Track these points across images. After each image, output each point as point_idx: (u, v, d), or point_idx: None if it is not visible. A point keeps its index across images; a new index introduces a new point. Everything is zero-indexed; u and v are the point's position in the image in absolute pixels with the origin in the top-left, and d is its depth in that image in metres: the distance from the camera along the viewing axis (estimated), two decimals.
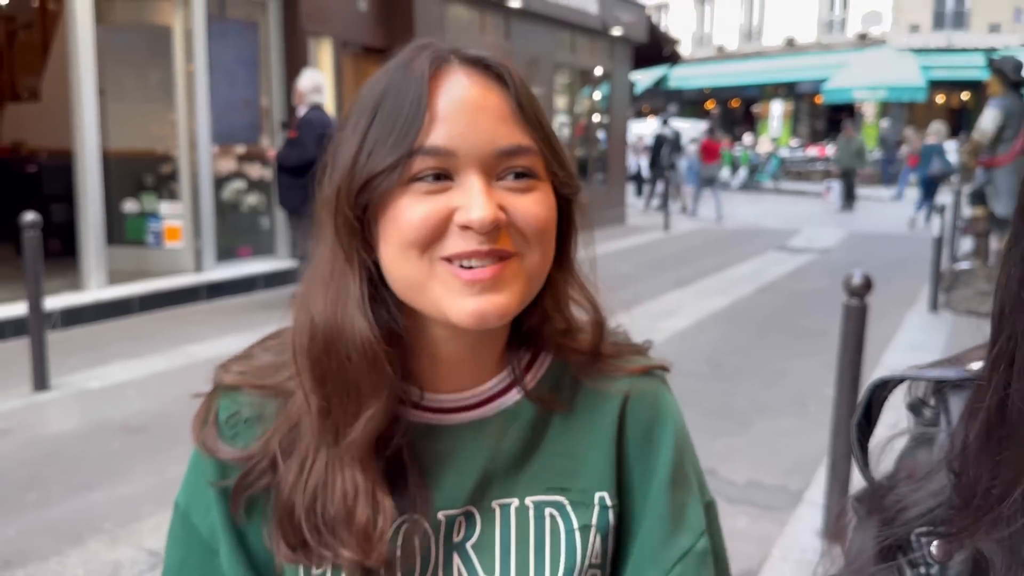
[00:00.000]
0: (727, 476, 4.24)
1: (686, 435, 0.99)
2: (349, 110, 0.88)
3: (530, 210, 0.83)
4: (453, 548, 0.91)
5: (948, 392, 0.80)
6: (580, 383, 0.96)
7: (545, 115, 0.89)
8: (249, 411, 0.91)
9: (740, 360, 6.54)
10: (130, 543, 3.56)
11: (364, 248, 0.85)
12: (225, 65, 9.12)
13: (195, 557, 0.93)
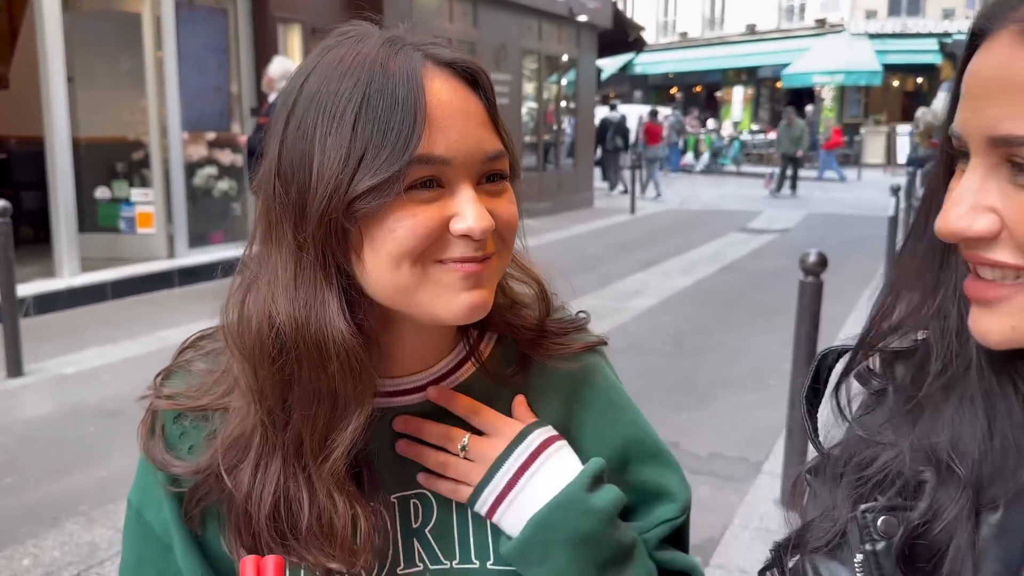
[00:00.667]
0: (690, 449, 4.31)
1: (625, 402, 1.01)
2: (298, 108, 0.82)
3: (507, 213, 0.84)
4: (412, 534, 0.91)
5: (896, 360, 0.83)
6: (528, 359, 0.96)
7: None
8: (195, 424, 0.89)
9: (703, 337, 6.62)
10: (106, 524, 3.56)
11: (341, 255, 0.81)
12: (195, 52, 9.01)
13: (150, 553, 0.92)
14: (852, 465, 0.82)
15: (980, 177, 0.68)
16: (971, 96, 0.68)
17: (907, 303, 0.81)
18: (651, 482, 0.96)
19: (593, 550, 0.86)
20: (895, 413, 0.82)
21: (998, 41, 0.66)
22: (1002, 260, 0.68)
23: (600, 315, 7.53)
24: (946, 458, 0.76)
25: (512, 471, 0.88)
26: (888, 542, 0.77)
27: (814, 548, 0.84)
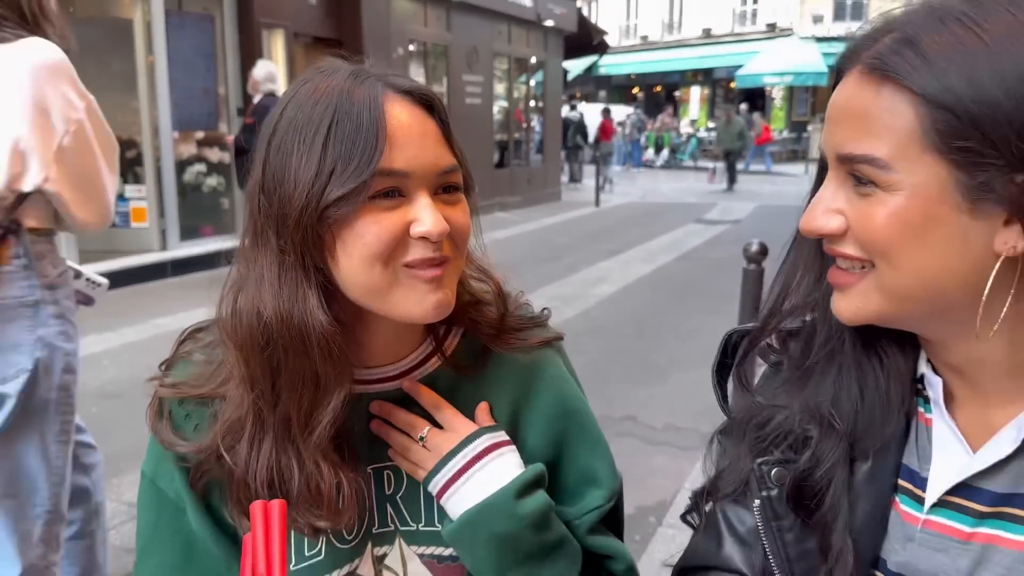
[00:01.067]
0: (647, 421, 4.43)
1: (573, 394, 1.07)
2: (278, 130, 0.88)
3: (460, 220, 0.91)
4: (386, 499, 1.00)
5: (787, 338, 0.94)
6: (489, 352, 1.03)
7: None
8: (197, 407, 0.96)
9: (660, 321, 6.75)
10: (110, 497, 3.59)
11: (318, 257, 0.87)
12: (184, 56, 8.96)
13: (166, 516, 0.99)
14: (752, 426, 0.92)
15: (834, 186, 0.79)
16: (828, 121, 0.79)
17: (798, 290, 0.91)
18: (586, 468, 1.03)
19: (513, 547, 0.93)
20: (787, 381, 0.92)
21: (849, 77, 0.77)
22: (848, 253, 0.78)
23: (566, 301, 7.64)
24: (827, 416, 0.87)
25: (458, 467, 0.95)
26: (780, 489, 0.87)
27: (723, 495, 0.95)
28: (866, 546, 0.85)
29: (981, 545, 0.80)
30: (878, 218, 0.74)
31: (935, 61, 0.71)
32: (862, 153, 0.74)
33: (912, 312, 0.78)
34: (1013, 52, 0.69)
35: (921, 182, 0.72)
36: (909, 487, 0.86)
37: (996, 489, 0.80)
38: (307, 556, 0.96)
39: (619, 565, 1.03)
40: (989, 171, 0.70)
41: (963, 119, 0.69)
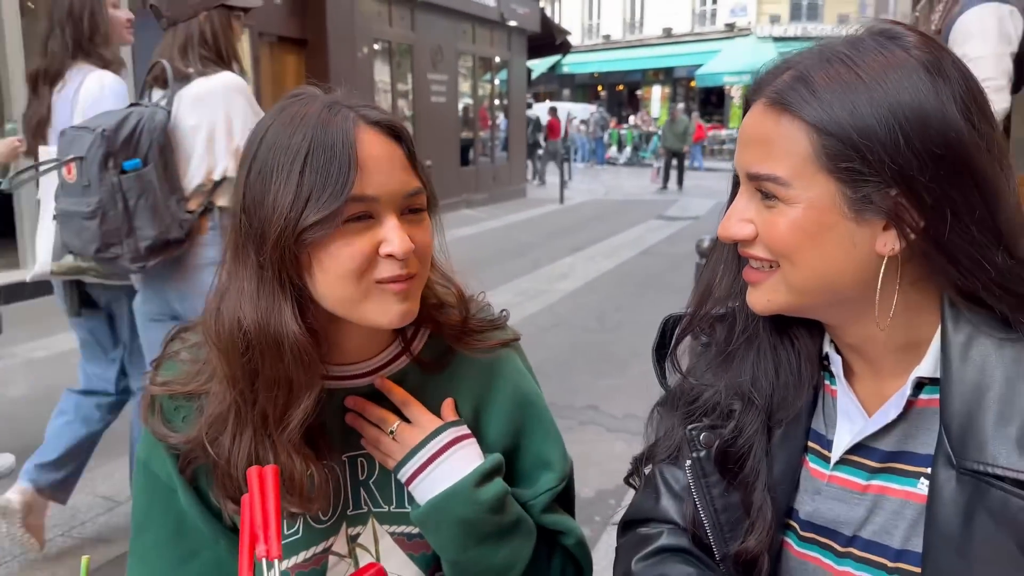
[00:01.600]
0: (608, 410, 4.57)
1: (529, 388, 1.16)
2: (259, 155, 0.94)
3: (424, 239, 1.00)
4: (360, 484, 1.09)
5: (714, 323, 1.07)
6: (453, 351, 1.12)
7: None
8: (185, 400, 1.04)
9: (622, 315, 6.88)
10: (85, 491, 3.63)
11: (294, 273, 0.94)
12: (147, 55, 8.87)
13: (159, 497, 1.08)
14: (684, 400, 1.04)
15: (745, 199, 0.91)
16: (739, 144, 0.92)
17: (721, 284, 1.03)
18: (540, 455, 1.14)
19: (473, 529, 1.02)
20: (714, 362, 1.05)
21: (756, 108, 0.90)
22: (758, 255, 0.91)
23: (531, 296, 7.74)
24: (748, 392, 1.00)
25: (424, 458, 1.05)
26: (708, 451, 1.00)
27: (660, 459, 1.07)
28: (781, 499, 0.98)
29: (874, 495, 0.93)
30: (781, 226, 0.87)
31: (822, 95, 0.83)
32: (766, 173, 0.87)
33: (812, 303, 0.91)
34: (884, 87, 0.81)
35: (815, 196, 0.84)
36: (817, 448, 0.99)
37: (885, 448, 0.93)
38: (285, 535, 1.05)
39: (570, 539, 1.13)
40: (869, 186, 0.82)
41: (846, 144, 0.82)
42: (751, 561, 0.97)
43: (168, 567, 1.08)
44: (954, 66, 0.84)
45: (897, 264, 0.85)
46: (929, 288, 0.88)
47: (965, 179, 0.81)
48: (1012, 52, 2.77)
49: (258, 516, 0.86)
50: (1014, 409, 0.81)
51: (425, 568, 1.10)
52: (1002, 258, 0.83)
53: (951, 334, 0.86)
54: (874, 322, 0.88)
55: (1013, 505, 0.79)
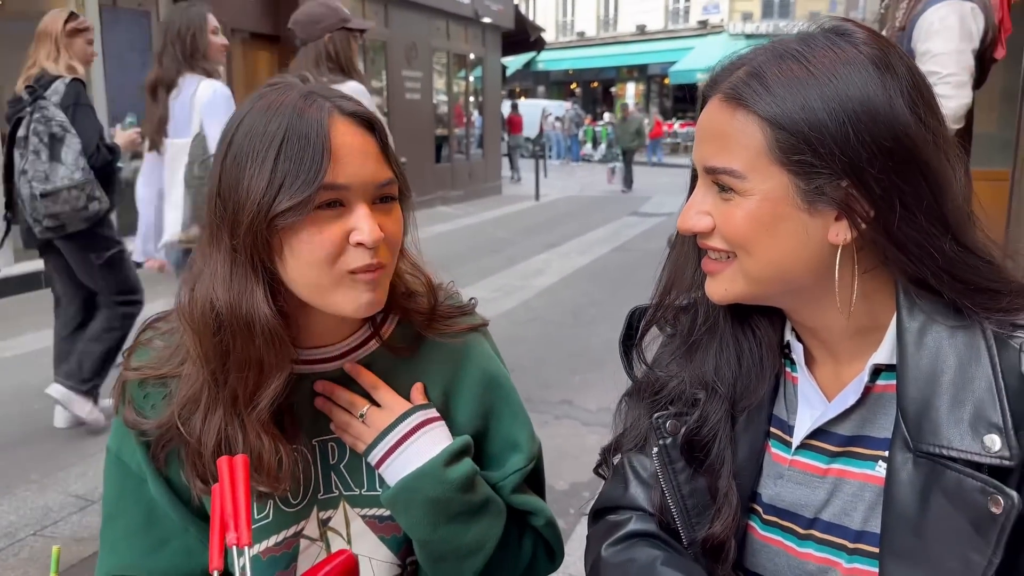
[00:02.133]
0: (582, 405, 4.59)
1: (497, 371, 1.18)
2: (235, 142, 0.96)
3: (394, 228, 1.02)
4: (330, 468, 1.11)
5: (679, 313, 1.09)
6: (422, 337, 1.14)
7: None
8: (155, 387, 1.07)
9: (597, 310, 6.90)
10: (57, 490, 3.60)
11: (266, 258, 0.96)
12: (119, 52, 8.81)
13: (129, 485, 1.09)
14: (650, 389, 1.06)
15: (703, 192, 0.93)
16: (696, 139, 0.94)
17: (684, 276, 1.05)
18: (508, 436, 1.15)
19: (444, 508, 1.04)
20: (678, 353, 1.07)
21: (712, 103, 0.92)
22: (716, 246, 0.93)
23: (507, 292, 7.75)
24: (712, 381, 1.02)
25: (394, 440, 1.06)
26: (674, 438, 1.02)
27: (628, 448, 1.09)
28: (744, 484, 1.01)
29: (834, 478, 0.96)
30: (737, 218, 0.89)
31: (775, 90, 0.85)
32: (722, 166, 0.89)
33: (769, 292, 0.93)
34: (834, 82, 0.84)
35: (769, 188, 0.87)
36: (779, 433, 1.01)
37: (844, 432, 0.95)
38: (256, 519, 1.06)
39: (539, 520, 1.15)
40: (820, 178, 0.85)
41: (798, 137, 0.84)
42: (718, 546, 0.99)
43: (138, 556, 1.09)
44: (901, 62, 0.86)
45: (852, 253, 0.88)
46: (882, 276, 0.90)
47: (912, 170, 0.83)
48: (974, 48, 2.83)
49: (228, 504, 0.87)
50: (966, 393, 0.84)
51: (396, 550, 1.12)
52: (949, 246, 0.85)
53: (906, 322, 0.88)
54: (830, 308, 0.91)
55: (967, 485, 0.82)
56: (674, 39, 33.00)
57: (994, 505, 0.80)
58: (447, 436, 1.09)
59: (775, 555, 0.99)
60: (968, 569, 0.81)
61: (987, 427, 0.82)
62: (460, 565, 1.07)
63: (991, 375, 0.83)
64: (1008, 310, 0.86)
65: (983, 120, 3.31)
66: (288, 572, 1.08)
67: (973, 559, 0.81)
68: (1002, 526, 0.79)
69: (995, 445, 0.81)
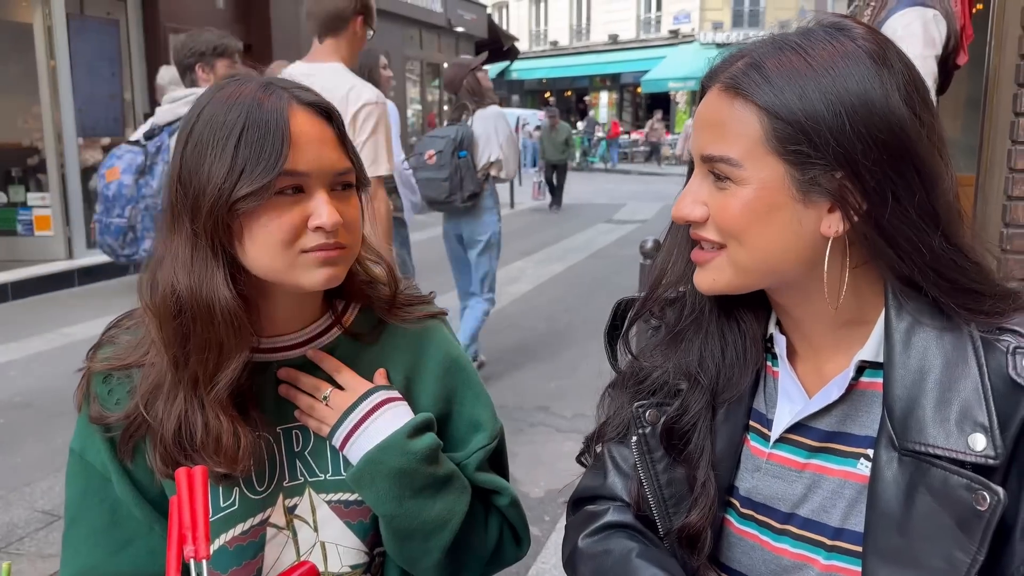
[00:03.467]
0: (558, 411, 4.59)
1: (458, 354, 1.20)
2: (195, 131, 0.98)
3: (352, 213, 1.04)
4: (295, 456, 1.11)
5: (665, 306, 1.08)
6: (384, 324, 1.16)
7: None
8: (120, 381, 1.07)
9: (571, 316, 6.92)
10: (23, 505, 3.53)
11: (227, 242, 0.98)
12: (87, 61, 8.70)
13: (93, 485, 1.09)
14: (634, 380, 1.06)
15: (699, 181, 0.94)
16: (695, 128, 0.94)
17: (674, 268, 1.05)
18: (471, 417, 1.17)
19: (409, 480, 1.05)
20: (663, 343, 1.07)
21: (711, 93, 0.92)
22: (708, 236, 0.93)
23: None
24: (695, 372, 1.02)
25: (356, 419, 1.08)
26: (653, 427, 1.02)
27: (610, 438, 1.09)
28: (723, 476, 1.01)
29: (812, 474, 0.95)
30: (732, 207, 0.89)
31: (774, 81, 0.86)
32: (719, 154, 0.89)
33: (756, 283, 0.94)
34: (832, 75, 0.84)
35: (765, 177, 0.87)
36: (758, 427, 1.01)
37: (824, 428, 0.95)
38: (222, 507, 1.06)
39: (504, 499, 1.16)
40: (815, 168, 0.85)
41: (795, 127, 0.85)
42: (694, 536, 1.00)
43: (102, 556, 1.08)
44: (898, 57, 0.87)
45: (843, 247, 0.88)
46: (871, 273, 0.91)
47: (906, 163, 0.84)
48: (937, 55, 2.87)
49: (187, 516, 0.85)
50: (953, 393, 0.84)
51: (363, 536, 1.12)
52: (938, 243, 0.86)
53: (894, 321, 0.89)
54: (818, 301, 0.91)
55: (953, 482, 0.82)
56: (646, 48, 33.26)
57: (980, 502, 0.80)
58: (409, 413, 1.10)
59: (750, 549, 0.99)
60: (952, 567, 0.81)
61: (973, 426, 0.83)
62: (427, 543, 1.07)
63: (978, 376, 0.84)
64: (989, 313, 0.87)
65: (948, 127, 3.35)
66: (255, 561, 1.08)
67: (957, 557, 0.81)
68: (987, 523, 0.80)
69: (980, 444, 0.82)
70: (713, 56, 0.96)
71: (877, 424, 0.90)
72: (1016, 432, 0.82)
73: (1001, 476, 0.82)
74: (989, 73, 2.98)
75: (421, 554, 1.08)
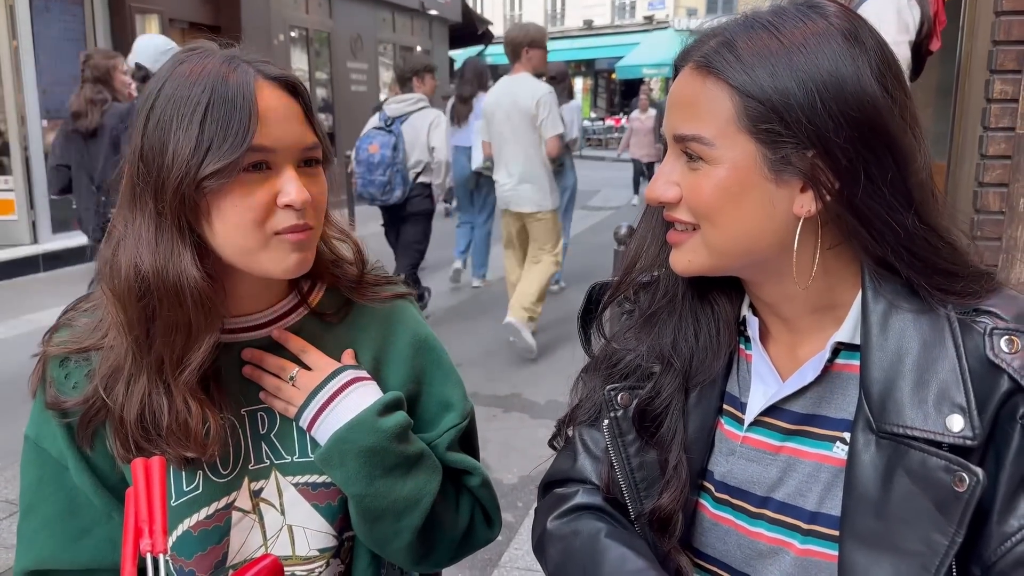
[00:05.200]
0: (531, 398, 4.58)
1: (427, 334, 1.18)
2: (156, 106, 0.95)
3: (319, 191, 1.01)
4: (260, 438, 1.08)
5: (639, 290, 1.07)
6: (351, 303, 1.14)
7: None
8: (77, 365, 1.04)
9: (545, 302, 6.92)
10: None
11: (193, 220, 0.96)
12: (51, 42, 8.51)
13: (49, 473, 1.06)
14: (607, 363, 1.06)
15: (672, 162, 0.93)
16: (667, 107, 0.93)
17: (648, 251, 1.04)
18: (441, 397, 1.15)
19: (379, 459, 1.03)
20: (636, 326, 1.06)
21: (684, 72, 0.92)
22: (681, 218, 0.93)
23: (457, 286, 7.71)
24: (668, 355, 1.02)
25: (324, 399, 1.05)
26: (625, 411, 1.01)
27: (581, 421, 1.08)
28: (695, 459, 1.00)
29: (787, 456, 0.95)
30: (704, 188, 0.88)
31: (746, 60, 0.85)
32: (691, 133, 0.88)
33: (732, 264, 0.93)
34: (804, 53, 0.84)
35: (737, 156, 0.86)
36: (732, 410, 1.01)
37: (799, 411, 0.94)
38: (185, 491, 1.03)
39: (475, 479, 1.15)
40: (787, 147, 0.84)
41: (766, 106, 0.84)
42: (665, 519, 0.99)
43: (58, 546, 1.06)
44: (871, 36, 0.87)
45: (816, 227, 0.88)
46: (846, 255, 0.90)
47: (878, 142, 0.83)
48: (910, 40, 2.87)
49: (143, 508, 0.82)
50: (930, 375, 0.84)
51: (331, 519, 1.10)
52: (912, 222, 0.85)
53: (871, 303, 0.89)
54: (791, 283, 0.90)
55: (932, 464, 0.82)
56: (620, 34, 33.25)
57: (958, 483, 0.80)
58: (378, 392, 1.08)
59: (725, 534, 0.99)
60: (931, 549, 0.81)
61: (951, 407, 0.82)
62: (398, 523, 1.06)
63: (955, 358, 0.84)
64: (963, 294, 0.87)
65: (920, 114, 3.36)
66: (220, 546, 1.05)
67: (936, 539, 0.81)
68: (966, 504, 0.79)
69: (957, 425, 0.81)
70: (686, 37, 0.95)
71: (852, 407, 0.90)
72: (993, 413, 0.82)
73: (978, 458, 0.82)
74: (961, 59, 3.00)
75: (392, 535, 1.07)
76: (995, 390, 0.82)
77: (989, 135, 2.74)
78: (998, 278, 0.91)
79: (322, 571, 1.10)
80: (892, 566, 0.82)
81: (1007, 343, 0.83)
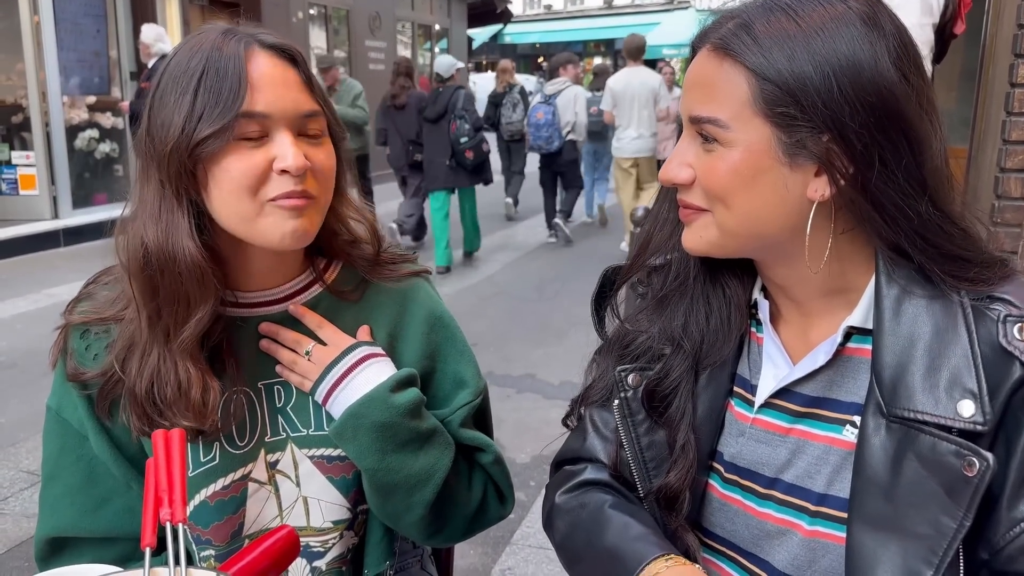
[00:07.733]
0: (545, 378, 4.60)
1: (442, 312, 1.20)
2: (161, 82, 0.99)
3: (323, 160, 1.02)
4: (277, 411, 1.10)
5: (652, 272, 1.08)
6: (367, 282, 1.15)
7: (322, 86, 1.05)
8: (97, 336, 1.06)
9: (560, 284, 6.90)
10: (8, 466, 3.53)
11: (192, 190, 0.97)
12: (72, 18, 8.53)
13: (70, 443, 1.08)
14: (619, 344, 1.07)
15: (687, 143, 0.93)
16: (684, 89, 0.93)
17: (661, 233, 1.05)
18: (455, 374, 1.17)
19: (392, 434, 1.05)
20: (648, 308, 1.07)
21: (701, 54, 0.91)
22: (693, 202, 0.93)
23: (474, 266, 7.72)
24: (679, 337, 1.02)
25: (339, 373, 1.07)
26: (635, 391, 1.02)
27: (593, 401, 1.10)
28: (704, 440, 1.01)
29: (796, 439, 0.95)
30: (719, 170, 0.88)
31: (763, 42, 0.85)
32: (707, 115, 0.88)
33: (743, 246, 0.93)
34: (822, 37, 0.83)
35: (752, 139, 0.86)
36: (742, 392, 1.01)
37: (809, 393, 0.95)
38: (203, 462, 1.06)
39: (487, 457, 1.16)
40: (802, 131, 0.84)
41: (783, 89, 0.84)
42: (672, 497, 1.00)
43: (78, 515, 1.08)
44: (890, 20, 0.86)
45: (829, 211, 0.88)
46: (859, 239, 0.90)
47: (894, 127, 0.83)
48: (933, 23, 2.83)
49: (163, 478, 0.84)
50: (942, 360, 0.85)
51: (345, 492, 1.12)
52: (925, 208, 0.85)
53: (884, 288, 0.89)
54: (803, 266, 0.90)
55: (942, 448, 0.82)
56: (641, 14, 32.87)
57: (968, 468, 0.80)
58: (392, 367, 1.10)
59: (734, 514, 1.00)
60: (939, 532, 0.81)
61: (962, 393, 0.83)
62: (410, 498, 1.07)
63: (967, 344, 0.84)
64: (975, 280, 0.87)
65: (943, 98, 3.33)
66: (237, 516, 1.08)
67: (944, 523, 0.81)
68: (976, 488, 0.80)
69: (968, 410, 0.82)
70: (704, 18, 0.94)
71: (863, 391, 0.90)
72: (1005, 399, 0.82)
73: (988, 443, 0.82)
74: (986, 43, 2.95)
75: (404, 510, 1.08)
76: (1007, 377, 0.82)
77: (1012, 120, 2.71)
78: (1012, 265, 0.90)
79: (336, 543, 1.12)
80: (900, 548, 0.83)
81: (1020, 331, 0.83)
